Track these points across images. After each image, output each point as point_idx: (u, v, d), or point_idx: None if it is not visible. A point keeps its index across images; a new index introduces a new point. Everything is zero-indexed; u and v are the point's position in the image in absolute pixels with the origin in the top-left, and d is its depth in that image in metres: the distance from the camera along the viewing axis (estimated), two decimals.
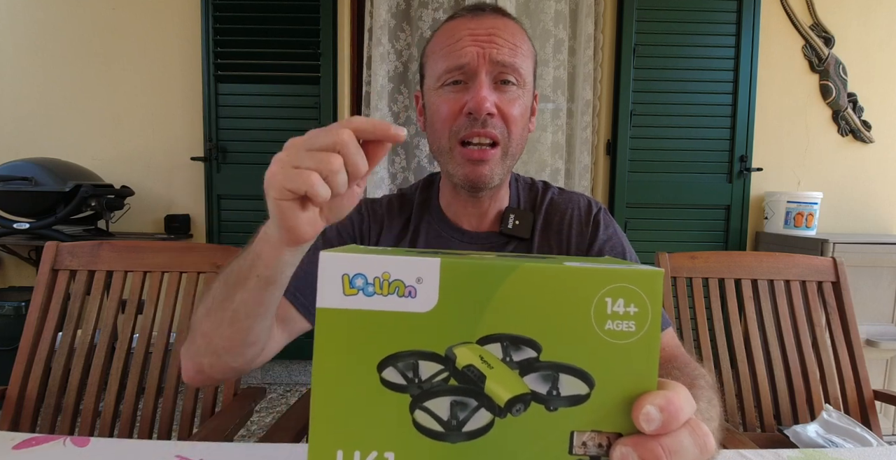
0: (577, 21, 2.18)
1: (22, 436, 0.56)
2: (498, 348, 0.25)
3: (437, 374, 0.25)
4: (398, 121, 2.21)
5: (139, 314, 0.97)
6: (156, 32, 2.22)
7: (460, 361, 0.25)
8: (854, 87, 2.26)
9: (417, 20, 2.13)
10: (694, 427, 0.25)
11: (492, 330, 0.24)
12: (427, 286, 0.24)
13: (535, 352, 0.24)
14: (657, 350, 0.25)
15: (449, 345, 0.25)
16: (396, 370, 0.25)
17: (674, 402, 0.24)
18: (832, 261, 1.06)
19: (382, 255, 0.25)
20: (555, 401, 0.24)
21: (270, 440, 0.72)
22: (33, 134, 2.24)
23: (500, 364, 0.25)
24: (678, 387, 0.25)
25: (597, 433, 0.25)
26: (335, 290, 0.24)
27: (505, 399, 0.25)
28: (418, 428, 0.25)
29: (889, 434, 1.82)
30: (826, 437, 0.92)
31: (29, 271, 2.24)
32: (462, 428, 0.25)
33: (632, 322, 0.24)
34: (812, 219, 2.06)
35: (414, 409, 0.25)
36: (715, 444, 0.26)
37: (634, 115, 2.17)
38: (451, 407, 0.25)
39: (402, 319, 0.24)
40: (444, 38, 0.65)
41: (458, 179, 0.65)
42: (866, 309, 1.81)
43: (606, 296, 0.24)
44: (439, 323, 0.24)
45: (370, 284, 0.24)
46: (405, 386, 0.25)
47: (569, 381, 0.24)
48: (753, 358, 1.02)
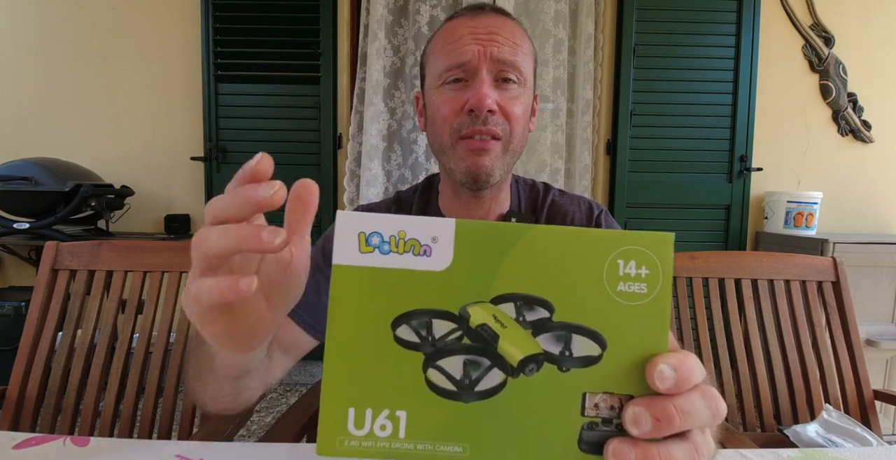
0: (577, 21, 2.18)
1: (22, 436, 0.56)
2: (511, 308, 0.25)
3: (450, 333, 0.25)
4: (394, 117, 2.20)
5: (139, 314, 0.97)
6: (156, 32, 2.22)
7: (474, 320, 0.25)
8: (854, 87, 2.26)
9: (415, 14, 2.12)
10: (705, 390, 0.25)
11: (505, 290, 0.25)
12: (442, 245, 0.25)
13: (547, 313, 0.25)
14: (668, 312, 0.25)
15: (463, 303, 0.25)
16: (410, 328, 0.25)
17: (686, 363, 0.24)
18: (832, 261, 1.06)
19: (399, 215, 0.25)
20: (567, 362, 0.25)
21: (270, 440, 0.72)
22: (33, 134, 2.24)
23: (514, 323, 0.25)
24: (689, 352, 0.25)
25: (609, 395, 0.25)
26: (352, 248, 0.24)
27: (518, 358, 0.25)
28: (431, 387, 0.25)
29: (889, 434, 1.82)
30: (826, 437, 0.92)
31: (29, 271, 2.24)
32: (475, 388, 0.25)
33: (643, 284, 0.24)
34: (812, 219, 2.06)
35: (427, 368, 0.25)
36: (725, 409, 0.26)
37: (634, 115, 2.17)
38: (463, 366, 0.25)
39: (416, 278, 0.25)
40: (444, 38, 0.65)
41: (459, 174, 0.65)
42: (866, 309, 1.81)
43: (618, 258, 0.24)
44: (453, 282, 0.25)
45: (386, 242, 0.25)
46: (419, 344, 0.25)
47: (581, 342, 0.25)
48: (753, 358, 1.02)
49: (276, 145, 2.18)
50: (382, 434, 0.24)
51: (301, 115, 2.18)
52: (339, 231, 0.25)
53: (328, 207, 2.17)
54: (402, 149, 2.21)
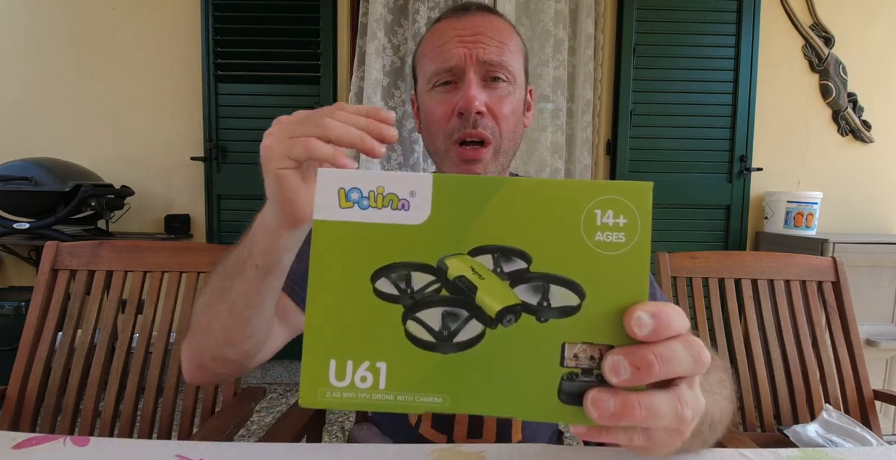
0: (577, 21, 2.18)
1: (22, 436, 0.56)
2: (489, 259, 0.25)
3: (428, 285, 0.25)
4: (396, 117, 2.20)
5: (139, 314, 0.97)
6: (156, 32, 2.22)
7: (452, 272, 0.25)
8: (854, 86, 2.26)
9: (414, 14, 2.12)
10: (687, 338, 0.25)
11: (483, 241, 0.25)
12: (420, 199, 0.25)
13: (525, 264, 0.25)
14: (647, 262, 0.25)
15: (441, 256, 0.25)
16: (389, 281, 0.25)
17: (665, 310, 0.24)
18: (832, 260, 1.06)
19: (377, 172, 0.25)
20: (546, 312, 0.25)
21: (270, 440, 0.72)
22: (33, 134, 2.24)
23: (491, 275, 0.25)
24: (669, 303, 0.25)
25: (588, 345, 0.25)
26: (331, 203, 0.25)
27: (496, 309, 0.25)
28: (410, 339, 0.25)
29: (889, 434, 1.82)
30: (826, 437, 0.92)
31: (29, 271, 2.24)
32: (453, 339, 0.25)
33: (621, 233, 0.24)
34: (812, 218, 2.06)
35: (406, 320, 0.25)
36: (710, 357, 0.25)
37: (634, 115, 2.17)
38: (442, 317, 0.25)
39: (395, 231, 0.25)
40: (432, 41, 0.65)
41: None
42: (866, 309, 1.81)
43: (596, 207, 0.24)
44: (431, 235, 0.25)
45: (365, 198, 0.25)
46: (398, 296, 0.25)
47: (559, 293, 0.24)
48: (753, 358, 1.02)
49: None
50: (363, 385, 0.25)
51: None
52: (321, 187, 0.25)
53: None
54: (403, 149, 2.22)
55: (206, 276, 0.55)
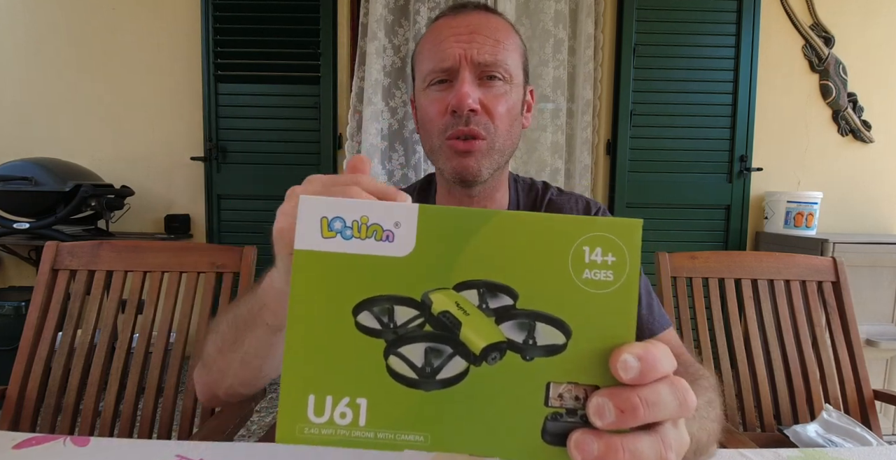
0: (577, 21, 2.18)
1: (22, 436, 0.56)
2: (474, 295, 0.24)
3: (412, 320, 0.24)
4: (395, 117, 2.20)
5: (139, 314, 0.97)
6: (156, 32, 2.22)
7: (436, 307, 0.24)
8: (854, 87, 2.26)
9: (415, 14, 2.12)
10: (673, 381, 0.24)
11: (468, 276, 0.24)
12: (405, 230, 0.24)
13: (511, 300, 0.24)
14: (635, 301, 0.24)
15: (425, 290, 0.24)
16: (372, 314, 0.24)
17: (652, 352, 0.23)
18: (832, 261, 1.06)
19: (361, 200, 0.25)
20: (531, 351, 0.24)
21: (270, 440, 0.72)
22: (33, 134, 2.24)
23: (476, 311, 0.24)
24: (657, 342, 0.25)
25: (573, 385, 0.24)
26: (313, 232, 0.24)
27: (480, 346, 0.24)
28: (392, 375, 0.24)
29: (889, 434, 1.82)
30: (826, 437, 0.92)
31: (29, 271, 2.24)
32: (436, 376, 0.24)
33: (609, 271, 0.24)
34: (812, 218, 2.06)
35: (388, 355, 0.24)
36: (695, 401, 0.25)
37: (634, 115, 2.17)
38: (425, 353, 0.24)
39: (378, 263, 0.24)
40: (429, 40, 0.66)
41: (448, 174, 0.66)
42: (866, 309, 1.81)
43: (584, 244, 0.24)
44: (416, 268, 0.24)
45: (348, 227, 0.24)
46: (380, 331, 0.24)
47: (545, 331, 0.24)
48: (753, 358, 1.02)
49: (276, 145, 2.18)
50: (342, 421, 0.24)
51: (301, 115, 2.18)
52: (302, 215, 0.24)
53: None
54: (405, 149, 2.22)
55: (217, 317, 0.56)
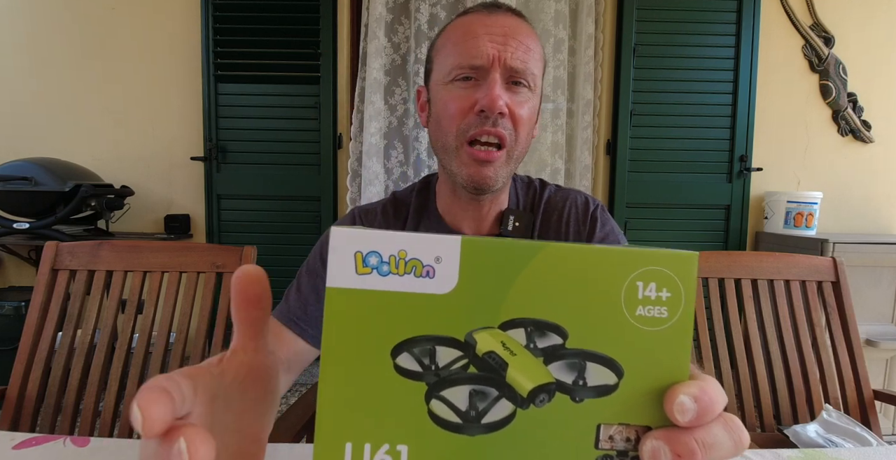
0: (577, 21, 2.18)
1: (22, 436, 0.56)
2: (521, 334, 0.23)
3: (455, 361, 0.23)
4: (395, 115, 2.19)
5: (139, 314, 0.97)
6: (155, 32, 2.22)
7: (481, 347, 0.23)
8: (854, 87, 2.26)
9: (416, 13, 2.12)
10: (727, 420, 0.24)
11: (515, 314, 0.23)
12: (446, 266, 0.23)
13: (560, 339, 0.23)
14: (689, 338, 0.23)
15: (469, 329, 0.23)
16: (412, 356, 0.23)
17: (708, 392, 0.23)
18: (832, 261, 1.06)
19: (399, 233, 0.23)
20: (581, 392, 0.23)
21: (270, 440, 0.72)
22: (33, 134, 2.24)
23: (524, 351, 0.23)
24: (710, 378, 0.24)
25: (624, 426, 0.23)
26: (347, 269, 0.22)
27: (528, 388, 0.23)
28: (434, 420, 0.23)
29: (889, 434, 1.82)
30: (826, 437, 0.92)
31: (29, 271, 2.24)
32: (481, 420, 0.23)
33: (664, 308, 0.23)
34: (812, 219, 2.06)
35: (430, 399, 0.23)
36: (748, 439, 0.24)
37: (634, 115, 2.17)
38: (469, 396, 0.23)
39: (418, 301, 0.23)
40: (458, 33, 0.64)
41: (461, 179, 0.64)
42: (866, 309, 1.81)
43: (638, 279, 0.23)
44: (459, 305, 0.23)
45: (385, 263, 0.22)
46: (421, 373, 0.23)
47: (596, 370, 0.23)
48: (753, 359, 1.02)
49: (276, 145, 2.18)
50: None
51: (301, 114, 2.18)
52: (334, 250, 0.22)
53: (328, 208, 2.17)
54: (404, 147, 2.21)
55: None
